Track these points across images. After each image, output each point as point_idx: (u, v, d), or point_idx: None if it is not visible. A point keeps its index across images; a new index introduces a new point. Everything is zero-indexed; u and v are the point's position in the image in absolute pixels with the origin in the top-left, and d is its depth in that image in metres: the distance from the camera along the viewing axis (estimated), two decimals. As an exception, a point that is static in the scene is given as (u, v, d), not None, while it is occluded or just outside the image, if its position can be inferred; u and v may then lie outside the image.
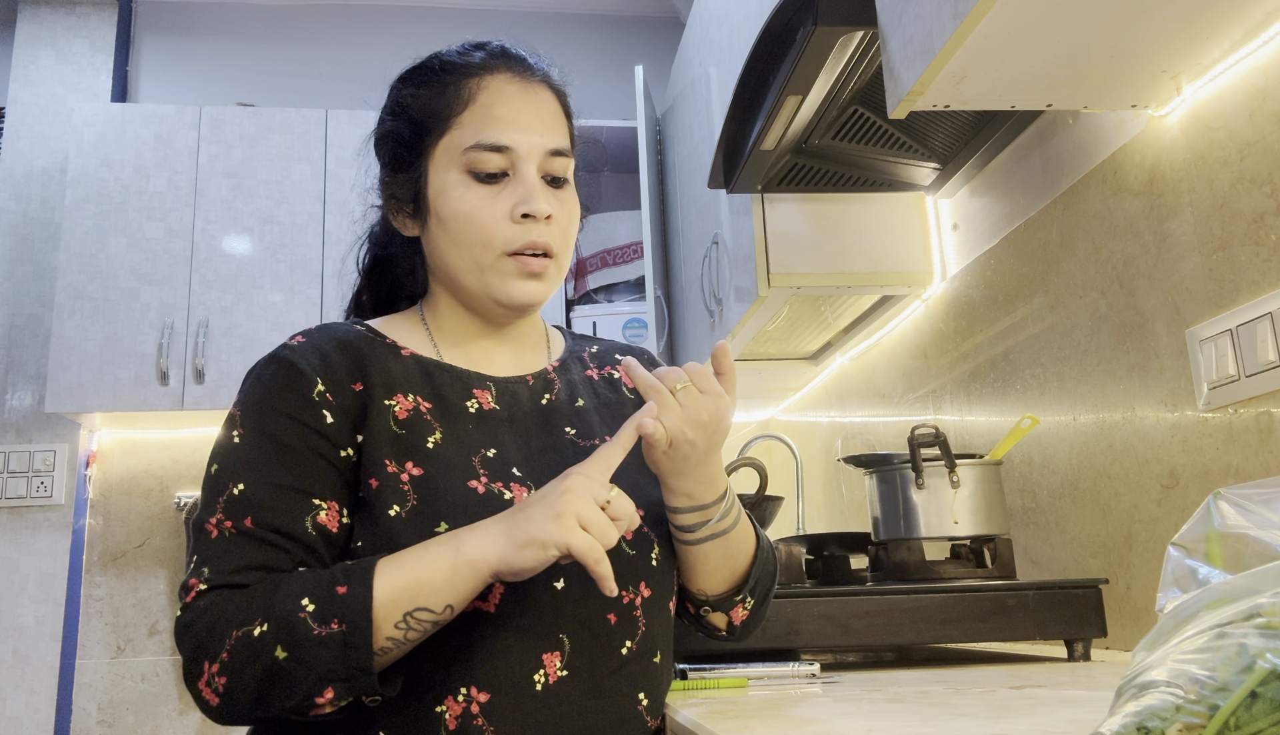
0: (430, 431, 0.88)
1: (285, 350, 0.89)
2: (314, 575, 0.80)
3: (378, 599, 0.76)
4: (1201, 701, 0.45)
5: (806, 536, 1.64)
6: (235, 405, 0.88)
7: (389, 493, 0.85)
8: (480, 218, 0.90)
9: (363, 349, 0.91)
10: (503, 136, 0.90)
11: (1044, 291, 1.51)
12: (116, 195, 2.83)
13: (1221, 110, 1.14)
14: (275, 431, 0.85)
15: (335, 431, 0.86)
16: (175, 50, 3.36)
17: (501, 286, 0.91)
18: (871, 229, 1.88)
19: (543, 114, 0.94)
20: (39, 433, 2.92)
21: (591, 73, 3.51)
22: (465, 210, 0.90)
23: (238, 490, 0.83)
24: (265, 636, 0.75)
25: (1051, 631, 1.20)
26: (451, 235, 0.91)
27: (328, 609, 0.76)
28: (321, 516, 0.84)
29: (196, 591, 0.80)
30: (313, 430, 0.85)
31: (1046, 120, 1.50)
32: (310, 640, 0.75)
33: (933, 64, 1.05)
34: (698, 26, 2.41)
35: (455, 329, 0.97)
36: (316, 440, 0.85)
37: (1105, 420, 1.37)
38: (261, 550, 0.81)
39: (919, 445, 1.36)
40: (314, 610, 0.76)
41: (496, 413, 0.93)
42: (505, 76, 0.94)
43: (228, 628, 0.77)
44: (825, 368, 2.54)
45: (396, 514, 0.84)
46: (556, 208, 0.92)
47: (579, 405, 0.99)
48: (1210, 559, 0.61)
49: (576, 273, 3.07)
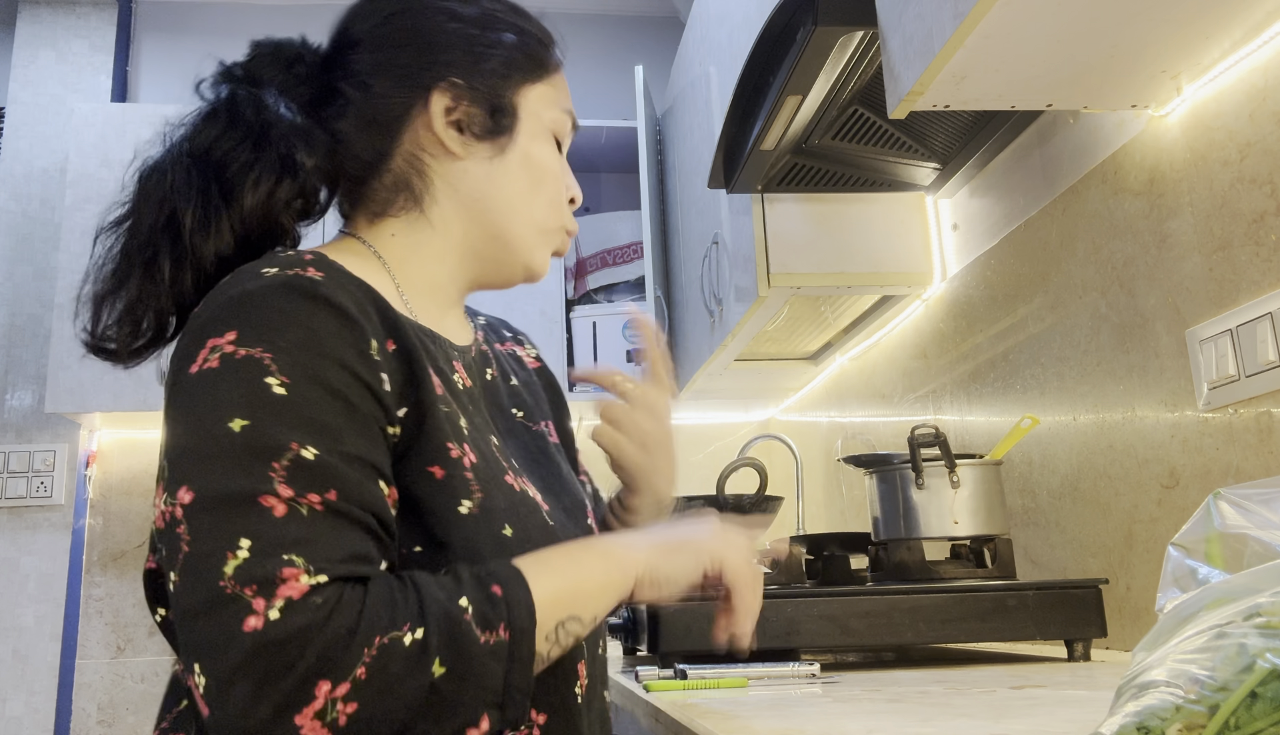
0: (458, 412, 0.73)
1: (312, 284, 0.66)
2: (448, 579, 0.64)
3: (538, 601, 0.64)
4: (1201, 701, 0.45)
5: (806, 536, 1.64)
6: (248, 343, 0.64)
7: (458, 484, 0.69)
8: (560, 183, 0.85)
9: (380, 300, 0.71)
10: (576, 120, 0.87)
11: (1044, 291, 1.51)
12: (116, 195, 2.82)
13: (1221, 110, 1.14)
14: (340, 387, 0.64)
15: (390, 400, 0.67)
16: (175, 50, 3.36)
17: (542, 254, 0.84)
18: (871, 229, 1.88)
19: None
20: (39, 433, 2.92)
21: (591, 73, 3.51)
22: (553, 168, 0.84)
23: (308, 454, 0.61)
24: (423, 645, 0.59)
25: (1051, 631, 1.20)
26: (534, 181, 0.82)
27: (490, 612, 0.61)
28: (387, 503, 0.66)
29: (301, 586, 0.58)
30: (373, 395, 0.66)
31: (1046, 120, 1.50)
32: (479, 651, 0.60)
33: (933, 64, 1.05)
34: (698, 26, 2.41)
35: (427, 283, 0.81)
36: (376, 408, 0.66)
37: (1105, 420, 1.37)
38: (358, 533, 0.62)
39: (919, 445, 1.36)
40: (475, 612, 0.61)
41: (471, 391, 0.79)
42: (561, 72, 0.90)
43: (368, 634, 0.58)
44: (825, 368, 2.54)
45: (469, 511, 0.69)
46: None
47: (513, 383, 0.89)
48: (1210, 559, 0.61)
49: (576, 273, 3.07)
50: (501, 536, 0.70)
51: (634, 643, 1.42)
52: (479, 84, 0.80)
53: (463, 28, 0.82)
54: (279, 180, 0.76)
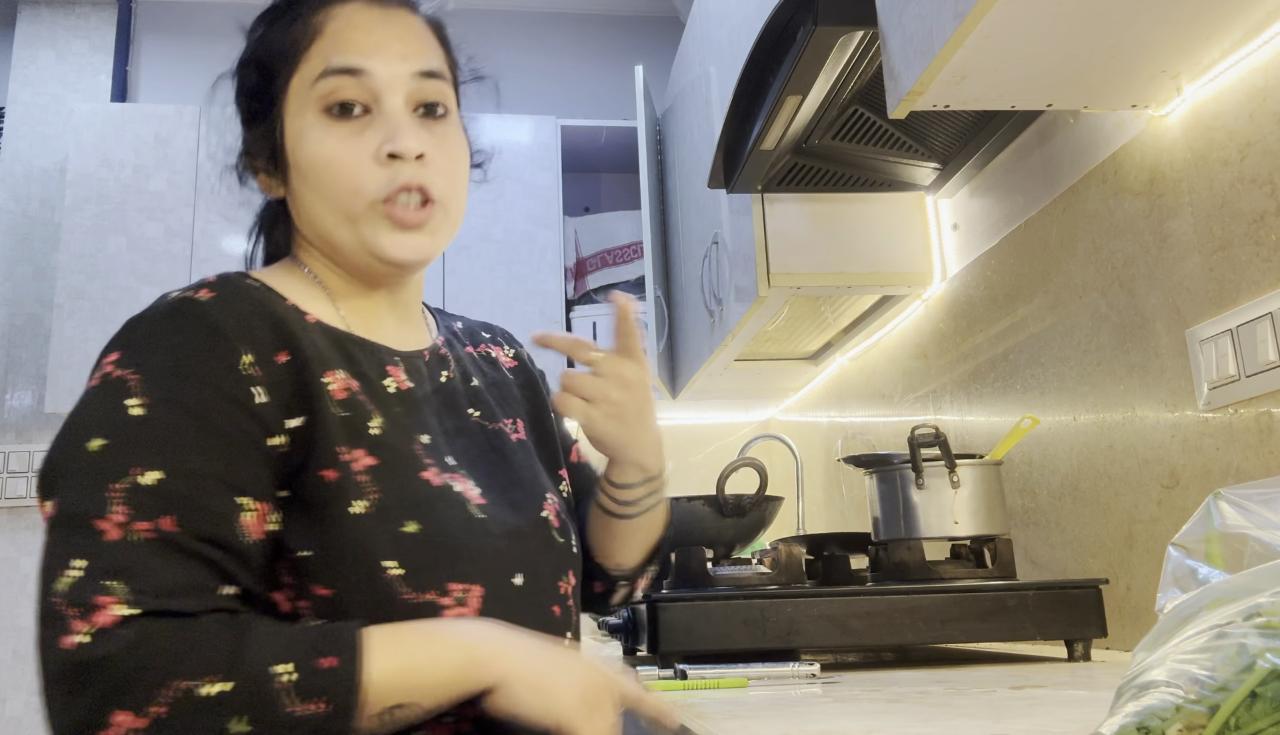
0: (368, 414, 0.76)
1: (193, 305, 0.70)
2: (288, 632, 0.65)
3: (371, 683, 0.63)
4: (1201, 701, 0.45)
5: (806, 536, 1.64)
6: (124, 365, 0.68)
7: (348, 487, 0.71)
8: (343, 161, 0.77)
9: (279, 312, 0.74)
10: (355, 59, 0.77)
11: (1044, 291, 1.51)
12: (116, 195, 2.83)
13: (1221, 110, 1.14)
14: (197, 407, 0.67)
15: (268, 413, 0.70)
16: (175, 50, 3.36)
17: (376, 240, 0.78)
18: (871, 229, 1.88)
19: (406, 37, 0.81)
20: (39, 433, 2.93)
21: (592, 73, 3.51)
22: (326, 155, 0.77)
23: (150, 479, 0.64)
24: (224, 699, 0.59)
25: (1051, 632, 1.20)
26: (315, 187, 0.78)
27: (313, 682, 0.62)
28: (247, 520, 0.68)
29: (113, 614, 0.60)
30: (239, 410, 0.69)
31: (1047, 120, 1.50)
32: (286, 719, 0.60)
33: (933, 64, 1.05)
34: (698, 26, 2.41)
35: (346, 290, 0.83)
36: (248, 422, 0.69)
37: (1105, 420, 1.37)
38: (190, 565, 0.64)
39: (919, 445, 1.36)
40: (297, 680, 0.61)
41: (410, 393, 0.81)
42: (358, 3, 0.81)
43: (166, 674, 0.59)
44: (825, 368, 2.54)
45: (360, 512, 0.71)
46: (432, 144, 0.79)
47: (474, 384, 0.89)
48: (1210, 559, 0.61)
49: (576, 273, 3.07)
50: (401, 534, 0.72)
51: (634, 643, 1.42)
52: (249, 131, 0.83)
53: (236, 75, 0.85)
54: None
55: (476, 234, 2.92)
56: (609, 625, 1.46)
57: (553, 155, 3.03)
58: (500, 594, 0.77)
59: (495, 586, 0.76)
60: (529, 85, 3.46)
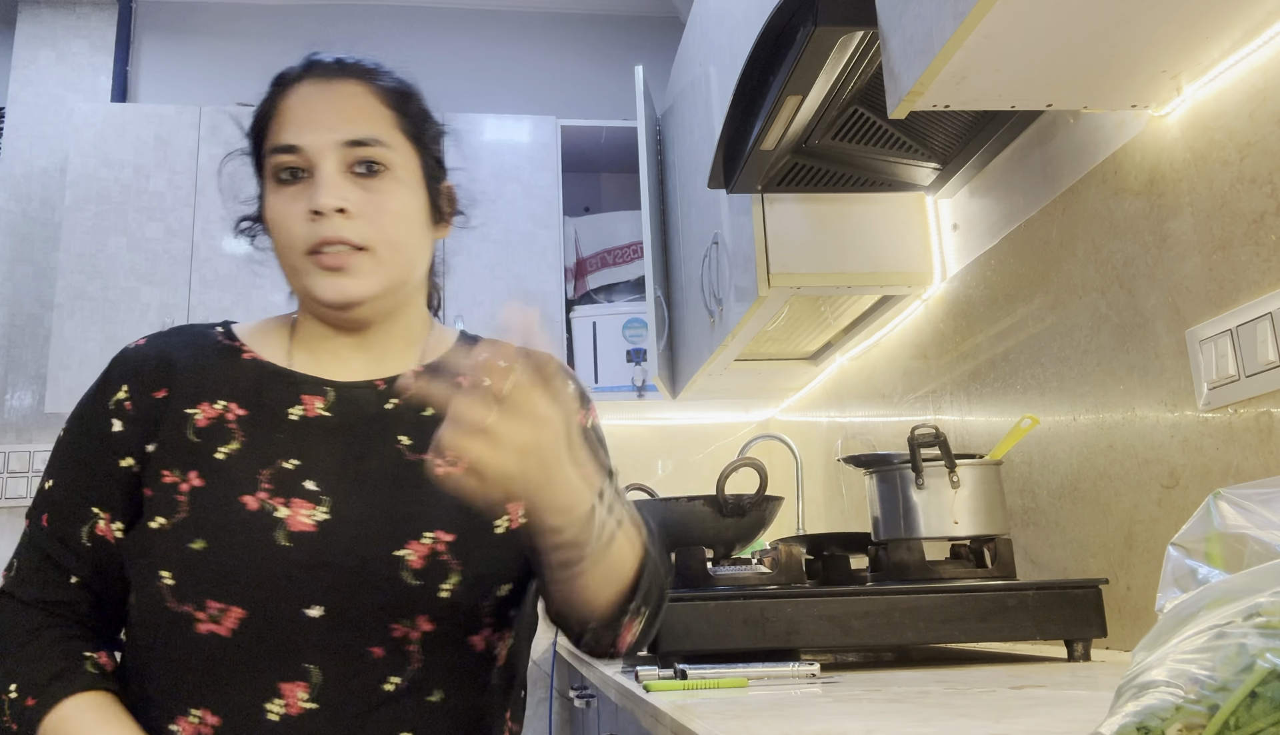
0: (226, 441, 0.87)
1: (121, 352, 0.93)
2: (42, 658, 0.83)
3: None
4: (1201, 701, 0.45)
5: (806, 536, 1.64)
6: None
7: (160, 504, 0.85)
8: (284, 220, 0.88)
9: (186, 355, 0.91)
10: (290, 136, 0.88)
11: (1044, 292, 1.51)
12: (116, 195, 2.83)
13: (1221, 110, 1.14)
14: (72, 435, 0.90)
15: (118, 440, 0.88)
16: (175, 50, 3.36)
17: (311, 286, 0.88)
18: (871, 229, 1.88)
19: (342, 109, 0.89)
20: (39, 433, 2.93)
21: (592, 73, 3.51)
22: (273, 216, 0.90)
23: (47, 485, 0.89)
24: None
25: (1051, 631, 1.20)
26: (275, 244, 0.91)
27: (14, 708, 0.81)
28: (100, 527, 0.87)
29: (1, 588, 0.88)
30: (96, 438, 0.88)
31: (1046, 120, 1.50)
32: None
33: (933, 64, 1.05)
34: (698, 26, 2.41)
35: (311, 332, 0.95)
36: (98, 448, 0.88)
37: (1105, 420, 1.37)
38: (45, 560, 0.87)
39: (919, 445, 1.36)
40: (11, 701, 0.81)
41: (323, 420, 0.89)
42: (308, 82, 0.91)
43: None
44: (825, 368, 2.54)
45: (158, 526, 0.84)
46: (359, 198, 0.87)
47: (425, 414, 0.91)
48: (1210, 559, 0.61)
49: (576, 273, 3.07)
50: (189, 550, 0.82)
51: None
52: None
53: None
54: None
55: (476, 234, 2.92)
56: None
57: (553, 155, 3.03)
58: (273, 620, 0.81)
59: (268, 613, 0.81)
60: (529, 85, 3.46)
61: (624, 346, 2.92)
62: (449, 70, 3.43)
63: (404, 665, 0.83)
